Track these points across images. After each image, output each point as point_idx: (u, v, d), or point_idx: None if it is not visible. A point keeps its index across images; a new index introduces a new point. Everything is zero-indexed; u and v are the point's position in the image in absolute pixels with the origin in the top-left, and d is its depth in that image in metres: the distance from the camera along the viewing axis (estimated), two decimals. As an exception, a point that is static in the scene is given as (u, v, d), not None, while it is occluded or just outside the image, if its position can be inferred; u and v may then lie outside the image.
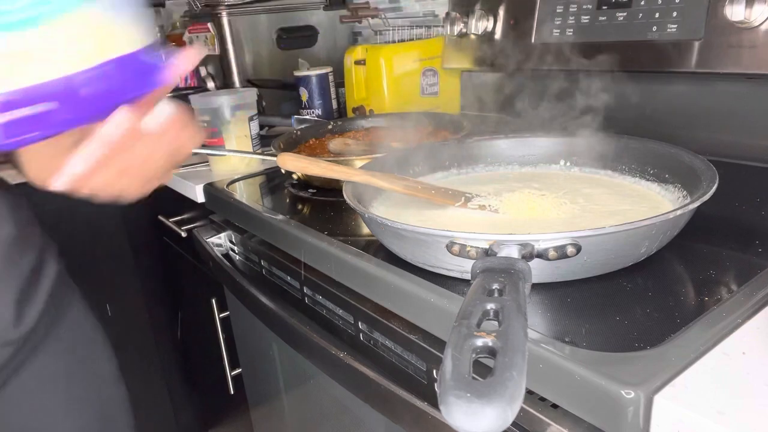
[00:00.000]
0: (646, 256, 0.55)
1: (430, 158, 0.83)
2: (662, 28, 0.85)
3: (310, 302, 0.75)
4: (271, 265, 0.84)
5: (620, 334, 0.45)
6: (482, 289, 0.41)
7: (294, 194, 0.91)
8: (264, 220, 0.81)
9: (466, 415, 0.30)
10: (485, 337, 0.35)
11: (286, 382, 0.93)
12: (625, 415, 0.37)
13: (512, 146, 0.85)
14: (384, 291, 0.59)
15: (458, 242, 0.50)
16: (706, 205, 0.53)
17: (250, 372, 1.08)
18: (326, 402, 0.82)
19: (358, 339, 0.67)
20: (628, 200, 0.69)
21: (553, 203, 0.66)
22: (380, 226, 0.57)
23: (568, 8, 0.98)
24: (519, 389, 0.31)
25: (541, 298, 0.51)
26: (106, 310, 1.47)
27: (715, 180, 0.56)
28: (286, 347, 0.84)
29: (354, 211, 0.66)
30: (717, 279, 0.52)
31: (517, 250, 0.47)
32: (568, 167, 0.81)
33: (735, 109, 0.84)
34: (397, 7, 1.59)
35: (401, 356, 0.60)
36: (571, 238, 0.48)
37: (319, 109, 1.35)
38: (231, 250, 0.97)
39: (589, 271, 0.53)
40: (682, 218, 0.54)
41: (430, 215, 0.68)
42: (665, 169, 0.69)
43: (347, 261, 0.63)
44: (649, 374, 0.38)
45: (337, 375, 0.68)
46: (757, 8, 0.75)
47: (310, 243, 0.69)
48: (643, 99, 0.94)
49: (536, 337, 0.44)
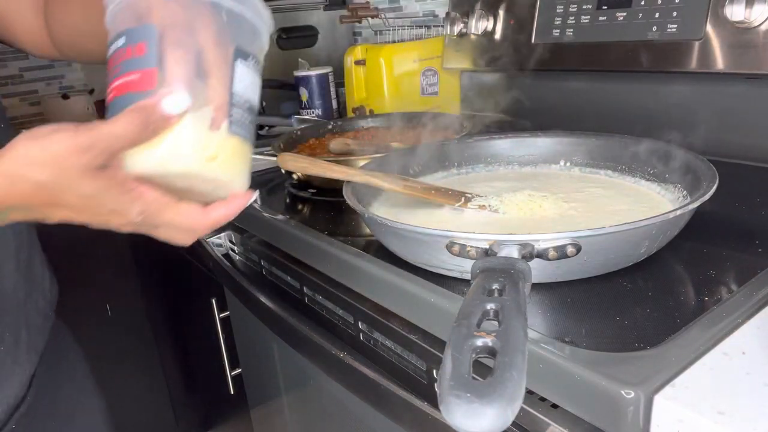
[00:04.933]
0: (646, 256, 0.55)
1: (430, 158, 0.83)
2: (662, 28, 0.85)
3: (310, 302, 0.75)
4: (271, 265, 0.84)
5: (620, 334, 0.45)
6: (482, 289, 0.41)
7: (294, 194, 0.91)
8: (264, 220, 0.81)
9: (466, 416, 0.30)
10: (485, 337, 0.35)
11: (286, 382, 0.93)
12: (625, 415, 0.37)
13: (512, 146, 0.85)
14: (384, 291, 0.59)
15: (458, 242, 0.50)
16: (706, 205, 0.53)
17: (250, 372, 1.08)
18: (326, 402, 0.82)
19: (358, 339, 0.67)
20: (628, 200, 0.69)
21: (553, 203, 0.66)
22: (380, 226, 0.57)
23: (568, 8, 0.98)
24: (519, 389, 0.31)
25: (541, 298, 0.51)
26: (106, 310, 1.48)
27: (715, 180, 0.56)
28: (286, 347, 0.84)
29: (354, 211, 0.66)
30: (717, 279, 0.52)
31: (517, 250, 0.47)
32: (568, 167, 0.81)
33: (735, 109, 0.84)
34: (397, 7, 1.59)
35: (401, 356, 0.60)
36: (571, 238, 0.48)
37: (319, 109, 1.35)
38: (231, 250, 0.97)
39: (589, 271, 0.53)
40: (682, 218, 0.54)
41: (430, 215, 0.68)
42: (665, 169, 0.69)
43: (347, 261, 0.63)
44: (649, 374, 0.38)
45: (337, 375, 0.68)
46: (757, 8, 0.75)
47: (310, 243, 0.69)
48: (643, 99, 0.94)
49: (536, 337, 0.44)
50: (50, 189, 0.36)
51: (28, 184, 0.36)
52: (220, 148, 0.41)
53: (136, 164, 0.39)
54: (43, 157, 0.35)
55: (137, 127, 0.37)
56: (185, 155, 0.40)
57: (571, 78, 0.99)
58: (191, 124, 0.40)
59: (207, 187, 0.43)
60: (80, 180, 0.36)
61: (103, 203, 0.38)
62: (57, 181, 0.36)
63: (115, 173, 0.38)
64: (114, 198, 0.38)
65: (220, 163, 0.42)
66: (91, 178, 0.37)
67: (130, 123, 0.37)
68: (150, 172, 0.40)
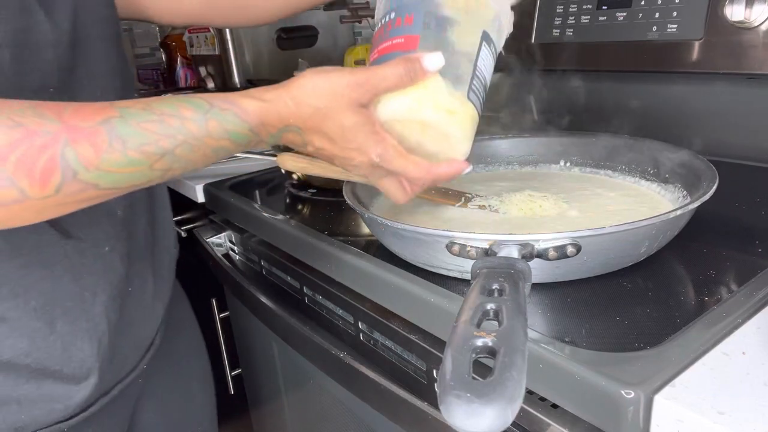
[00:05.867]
0: (646, 256, 0.55)
1: (430, 158, 0.83)
2: (662, 28, 0.85)
3: (310, 302, 0.75)
4: (271, 265, 0.84)
5: (620, 334, 0.45)
6: (482, 289, 0.41)
7: (294, 194, 0.91)
8: (264, 220, 0.81)
9: (466, 415, 0.30)
10: (485, 337, 0.35)
11: (286, 382, 0.93)
12: (625, 415, 0.37)
13: (512, 146, 0.85)
14: (384, 291, 0.59)
15: (458, 242, 0.50)
16: (706, 205, 0.53)
17: (250, 372, 1.08)
18: (326, 402, 0.82)
19: (358, 339, 0.67)
20: (628, 200, 0.69)
21: (553, 203, 0.66)
22: (380, 226, 0.57)
23: (568, 8, 0.98)
24: (519, 389, 0.31)
25: (541, 298, 0.51)
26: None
27: (715, 180, 0.56)
28: (286, 347, 0.84)
29: (354, 211, 0.66)
30: (717, 279, 0.52)
31: (517, 250, 0.47)
32: (568, 167, 0.81)
33: (735, 109, 0.84)
34: (397, 7, 1.58)
35: (401, 356, 0.60)
36: (571, 238, 0.48)
37: (319, 109, 1.34)
38: (231, 250, 0.97)
39: (589, 271, 0.53)
40: (682, 218, 0.54)
41: (430, 215, 0.68)
42: (665, 169, 0.69)
43: (347, 261, 0.63)
44: (649, 374, 0.38)
45: (337, 375, 0.68)
46: (757, 8, 0.75)
47: (310, 243, 0.69)
48: (643, 99, 0.94)
49: (536, 337, 0.44)
50: (323, 114, 0.44)
51: (309, 108, 0.44)
52: (459, 108, 0.49)
53: (388, 108, 0.47)
54: (325, 87, 0.44)
55: (401, 71, 0.45)
56: (431, 105, 0.48)
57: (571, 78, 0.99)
58: (441, 81, 0.48)
59: (435, 146, 0.50)
60: (346, 111, 0.44)
61: (354, 138, 0.46)
62: (330, 107, 0.44)
63: (372, 113, 0.46)
64: (364, 135, 0.46)
65: (458, 119, 0.49)
66: (354, 112, 0.45)
67: (396, 67, 0.45)
68: (400, 115, 0.47)
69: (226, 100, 0.43)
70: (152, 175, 0.42)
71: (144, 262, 0.62)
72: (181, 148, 0.41)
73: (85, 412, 0.57)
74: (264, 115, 0.44)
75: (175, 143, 0.41)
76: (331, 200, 0.84)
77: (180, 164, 0.42)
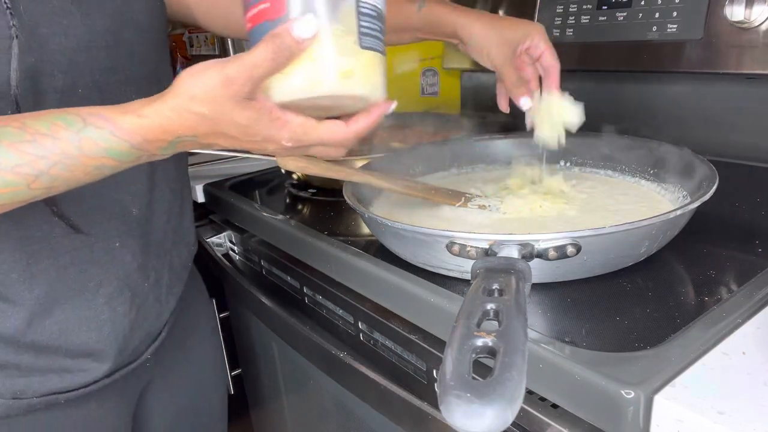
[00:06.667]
0: (646, 256, 0.55)
1: (430, 158, 0.83)
2: (662, 28, 0.85)
3: (310, 302, 0.75)
4: (271, 265, 0.84)
5: (620, 334, 0.45)
6: (482, 289, 0.41)
7: (294, 194, 0.91)
8: (264, 220, 0.81)
9: (466, 416, 0.30)
10: (485, 337, 0.35)
11: (286, 382, 0.93)
12: (625, 415, 0.37)
13: (512, 146, 0.85)
14: (384, 291, 0.59)
15: (458, 242, 0.50)
16: (706, 205, 0.53)
17: (250, 372, 1.08)
18: (326, 402, 0.82)
19: (358, 339, 0.67)
20: (627, 200, 0.69)
21: (553, 203, 0.66)
22: (380, 226, 0.57)
23: (568, 8, 0.98)
24: (519, 389, 0.31)
25: (541, 298, 0.51)
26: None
27: (715, 180, 0.56)
28: (286, 347, 0.84)
29: (354, 211, 0.66)
30: (717, 279, 0.52)
31: (517, 250, 0.47)
32: (568, 167, 0.81)
33: (735, 109, 0.84)
34: (397, 7, 1.58)
35: (401, 356, 0.60)
36: (571, 238, 0.48)
37: (319, 109, 1.34)
38: (231, 250, 0.97)
39: (589, 271, 0.53)
40: (682, 218, 0.54)
41: (430, 215, 0.68)
42: (665, 169, 0.69)
43: (347, 261, 0.63)
44: (649, 374, 0.38)
45: (337, 375, 0.68)
46: (756, 8, 0.75)
47: (310, 243, 0.69)
48: (643, 99, 0.94)
49: (536, 337, 0.44)
50: (211, 119, 0.41)
51: (194, 116, 0.41)
52: (355, 65, 0.43)
53: (277, 94, 0.43)
54: (200, 91, 0.40)
55: (272, 53, 0.40)
56: (322, 78, 0.43)
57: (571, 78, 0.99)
58: (325, 43, 0.42)
59: (348, 102, 0.45)
60: (234, 109, 0.41)
61: (256, 131, 0.43)
62: (215, 110, 0.41)
63: (262, 104, 0.42)
64: (265, 126, 0.42)
65: (357, 79, 0.44)
66: (242, 107, 0.41)
67: (265, 51, 0.40)
68: (292, 99, 0.43)
69: (104, 116, 0.41)
70: (33, 193, 0.42)
71: (160, 258, 0.64)
72: (56, 168, 0.41)
73: (85, 388, 0.59)
74: (145, 132, 0.41)
75: (50, 164, 0.41)
76: (331, 200, 0.84)
77: (60, 183, 0.42)
